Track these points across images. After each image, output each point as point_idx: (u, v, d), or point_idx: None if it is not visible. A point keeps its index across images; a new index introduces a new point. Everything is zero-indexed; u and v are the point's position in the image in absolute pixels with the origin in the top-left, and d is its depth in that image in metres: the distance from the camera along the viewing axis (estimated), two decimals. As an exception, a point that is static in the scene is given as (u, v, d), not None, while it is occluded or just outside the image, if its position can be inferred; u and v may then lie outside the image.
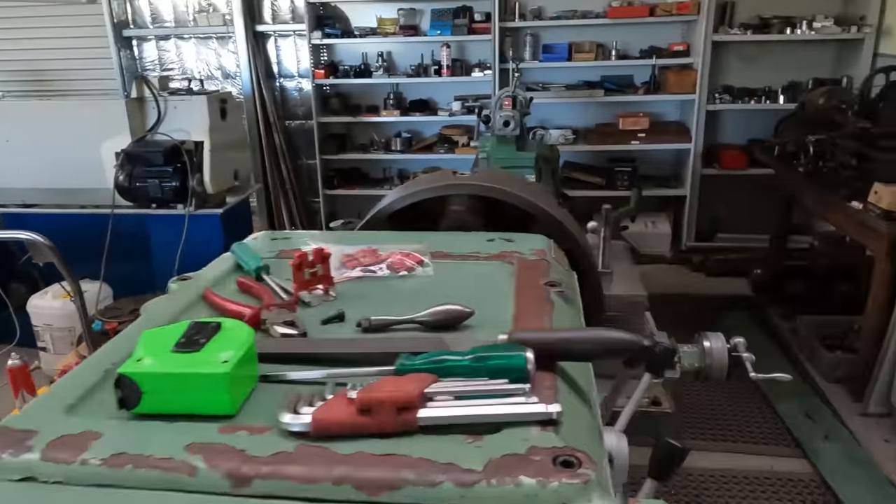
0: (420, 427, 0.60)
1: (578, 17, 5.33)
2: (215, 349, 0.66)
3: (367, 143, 5.86)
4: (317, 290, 0.92)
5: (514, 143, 3.78)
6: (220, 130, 3.88)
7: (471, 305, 0.86)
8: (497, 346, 0.69)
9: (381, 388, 0.60)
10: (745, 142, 5.43)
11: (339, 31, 5.48)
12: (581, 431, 0.62)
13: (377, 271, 0.98)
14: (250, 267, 1.00)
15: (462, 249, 1.07)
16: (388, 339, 0.78)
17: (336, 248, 1.05)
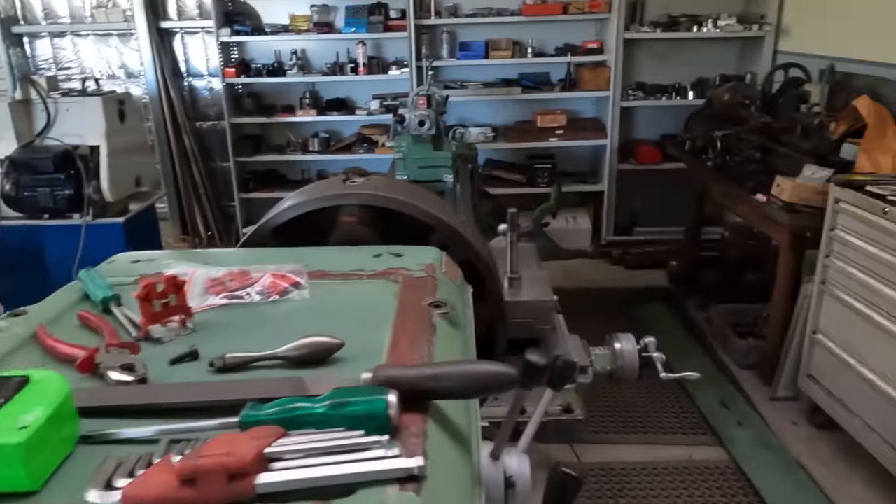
0: (259, 496, 0.51)
1: (494, 15, 5.33)
2: (15, 411, 0.55)
3: (283, 143, 5.67)
4: (171, 322, 0.82)
5: (431, 143, 3.72)
6: (118, 134, 3.64)
7: (346, 333, 0.78)
8: (358, 388, 0.61)
9: (211, 451, 0.52)
10: (659, 137, 5.57)
11: (249, 28, 5.27)
12: (448, 485, 0.55)
13: (244, 297, 0.89)
14: (97, 297, 0.88)
15: (346, 267, 0.98)
16: (238, 382, 0.69)
17: (201, 271, 0.94)
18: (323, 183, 1.31)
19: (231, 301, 0.89)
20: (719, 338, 4.12)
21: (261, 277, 0.92)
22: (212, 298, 0.89)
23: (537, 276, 1.69)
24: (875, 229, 2.78)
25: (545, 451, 3.11)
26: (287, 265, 0.95)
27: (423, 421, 0.61)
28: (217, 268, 0.96)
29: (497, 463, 1.01)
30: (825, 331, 3.17)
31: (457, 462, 0.61)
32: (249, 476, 0.50)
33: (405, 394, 0.61)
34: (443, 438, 0.61)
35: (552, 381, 1.12)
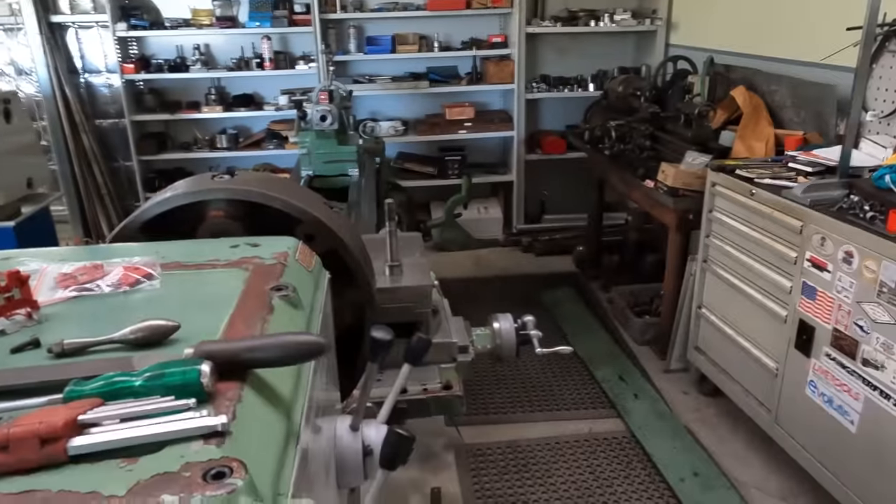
0: (71, 458, 0.57)
1: (400, 10, 5.39)
2: None
3: (189, 141, 5.56)
4: (17, 315, 0.85)
5: (335, 138, 3.76)
6: (4, 135, 3.50)
7: (188, 317, 0.84)
8: (177, 362, 0.67)
9: (25, 421, 0.57)
10: (563, 128, 5.79)
11: (147, 23, 5.13)
12: (255, 440, 0.63)
13: (94, 289, 0.93)
14: (-55, 296, 0.90)
15: (202, 258, 1.04)
16: (68, 364, 0.74)
17: (53, 266, 0.98)
18: (191, 179, 1.35)
19: (80, 293, 0.92)
20: (619, 317, 4.36)
21: (112, 270, 0.96)
22: (60, 292, 0.92)
23: (419, 263, 1.78)
24: (745, 209, 3.03)
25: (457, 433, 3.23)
26: (140, 258, 1.00)
27: (240, 388, 0.68)
28: (70, 263, 0.99)
29: (356, 434, 1.09)
30: (709, 305, 3.43)
31: (269, 422, 0.68)
32: (61, 440, 0.56)
33: (225, 365, 0.68)
34: (257, 402, 0.68)
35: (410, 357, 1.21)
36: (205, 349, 0.69)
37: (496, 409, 3.56)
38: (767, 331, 2.91)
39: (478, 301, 4.45)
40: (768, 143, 3.63)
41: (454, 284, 4.28)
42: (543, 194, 5.90)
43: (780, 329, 2.80)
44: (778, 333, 2.82)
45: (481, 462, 3.13)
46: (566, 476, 3.03)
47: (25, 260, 1.01)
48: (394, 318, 1.63)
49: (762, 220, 2.89)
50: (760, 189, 2.90)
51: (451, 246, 5.48)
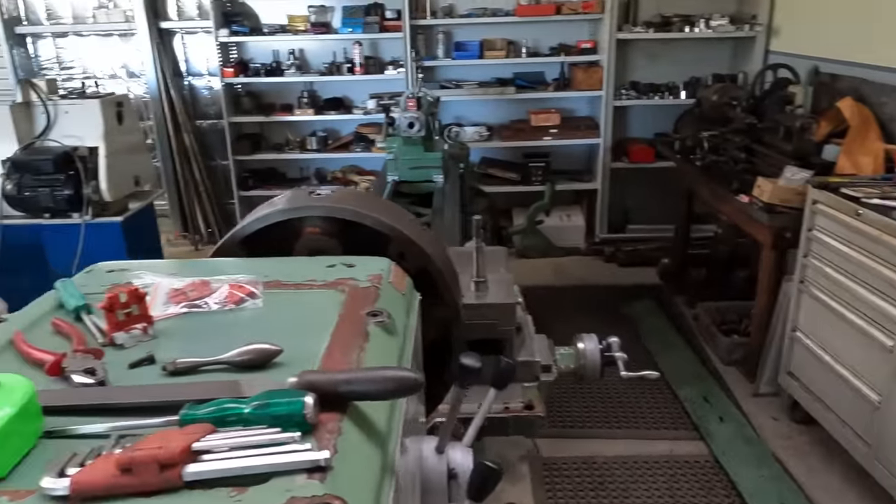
0: (186, 483, 0.60)
1: (489, 15, 5.40)
2: (-16, 412, 0.65)
3: (281, 142, 5.78)
4: (134, 329, 0.91)
5: (421, 144, 3.80)
6: (116, 135, 3.74)
7: (289, 340, 0.87)
8: (283, 391, 0.70)
9: (146, 445, 0.61)
10: (652, 136, 5.63)
11: (247, 29, 5.37)
12: (354, 475, 0.65)
13: (202, 306, 0.98)
14: (70, 306, 0.97)
15: (301, 277, 1.07)
16: (182, 385, 0.78)
17: (165, 281, 1.04)
18: (289, 194, 1.40)
19: (190, 310, 0.98)
20: (705, 334, 4.20)
21: (219, 287, 1.01)
22: (172, 307, 0.98)
23: (504, 279, 1.78)
24: (849, 230, 2.85)
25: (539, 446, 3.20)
26: (245, 276, 1.04)
27: (339, 419, 0.70)
28: (180, 278, 1.05)
29: (441, 456, 1.10)
30: (804, 328, 3.25)
31: (367, 455, 0.70)
32: (178, 466, 0.60)
33: (325, 396, 0.70)
34: (356, 434, 0.70)
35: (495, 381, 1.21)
36: (307, 379, 0.72)
37: (573, 422, 3.50)
38: (870, 360, 2.73)
39: (557, 310, 4.40)
40: (877, 159, 3.40)
41: (533, 292, 4.23)
42: (628, 203, 5.76)
43: (884, 359, 2.62)
44: (882, 364, 2.64)
45: (556, 477, 3.09)
46: (644, 498, 2.95)
47: (140, 273, 1.08)
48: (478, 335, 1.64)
49: (869, 242, 2.71)
50: (868, 209, 2.72)
51: (531, 253, 5.43)
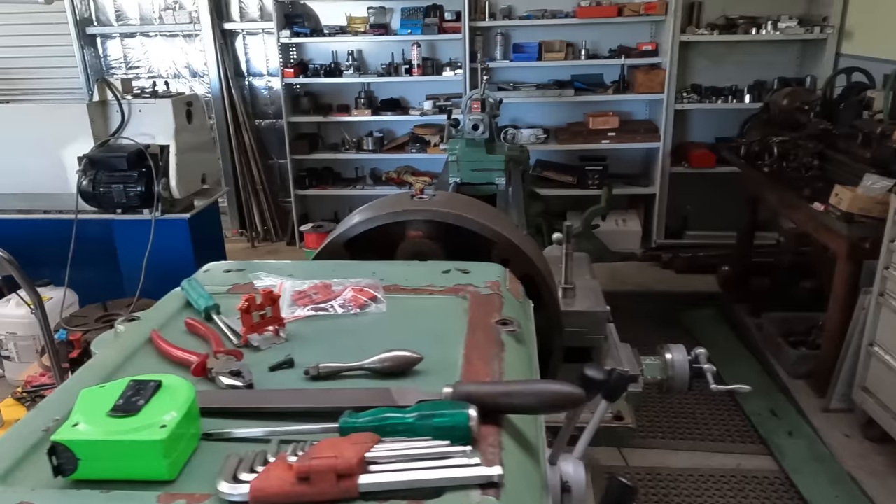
0: (361, 494, 0.60)
1: (548, 17, 5.35)
2: (154, 411, 0.65)
3: (338, 142, 5.83)
4: (267, 331, 0.91)
5: (484, 146, 3.78)
6: (186, 133, 3.82)
7: (422, 347, 0.86)
8: (441, 402, 0.69)
9: (321, 453, 0.60)
10: (713, 140, 5.50)
11: (308, 30, 5.43)
12: (522, 491, 0.63)
13: (329, 309, 0.98)
14: (200, 306, 0.98)
15: (417, 282, 1.07)
16: (334, 390, 0.78)
17: (288, 283, 1.04)
18: (392, 198, 1.40)
19: (317, 313, 0.98)
20: (771, 346, 4.07)
21: (342, 291, 1.01)
22: (299, 310, 0.98)
23: (591, 285, 1.75)
24: (937, 243, 2.73)
25: (594, 454, 3.15)
26: (364, 279, 1.04)
27: (498, 433, 0.69)
28: (302, 280, 1.05)
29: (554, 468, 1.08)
30: (882, 343, 3.13)
31: (528, 471, 0.68)
32: (354, 476, 0.59)
33: (482, 408, 0.68)
34: (515, 449, 0.69)
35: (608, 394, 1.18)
36: (463, 390, 0.71)
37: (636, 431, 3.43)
38: (959, 380, 2.60)
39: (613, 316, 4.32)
40: (965, 167, 3.25)
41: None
42: (687, 209, 5.64)
43: (976, 380, 2.49)
44: (973, 385, 2.51)
45: (620, 487, 3.03)
46: (713, 513, 2.88)
47: (259, 274, 1.08)
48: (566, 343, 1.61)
49: (961, 256, 2.59)
50: (960, 221, 2.60)
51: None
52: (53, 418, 0.73)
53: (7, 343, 3.75)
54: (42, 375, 3.32)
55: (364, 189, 5.76)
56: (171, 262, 3.84)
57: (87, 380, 0.80)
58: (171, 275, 3.61)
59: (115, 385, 0.70)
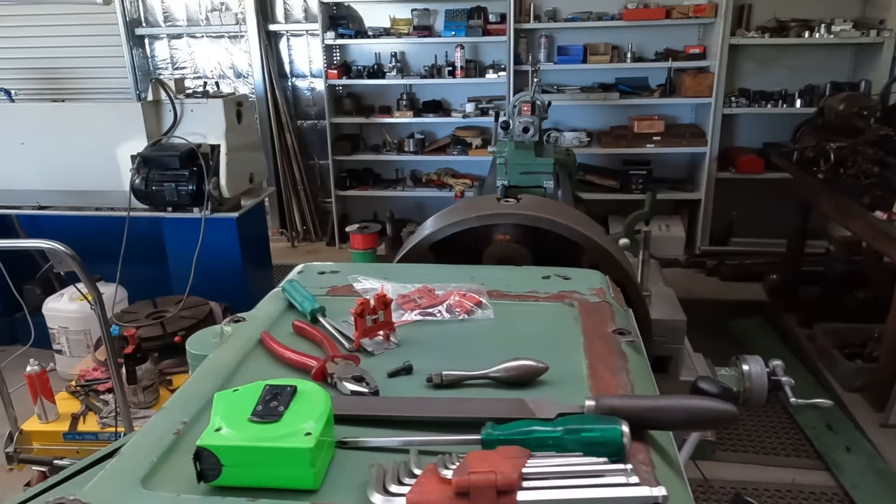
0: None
1: (594, 19, 5.30)
2: (295, 418, 0.64)
3: (379, 143, 5.84)
4: (377, 336, 0.90)
5: (533, 149, 3.75)
6: (235, 133, 3.85)
7: (538, 355, 0.83)
8: (586, 416, 0.66)
9: (477, 467, 0.58)
10: (761, 145, 5.39)
11: (352, 32, 5.45)
12: (681, 512, 0.60)
13: (436, 314, 0.96)
14: (305, 309, 0.97)
15: (518, 287, 1.04)
16: (466, 400, 0.75)
17: (389, 286, 1.02)
18: (478, 201, 1.37)
19: (424, 317, 0.96)
20: (824, 358, 3.96)
21: (447, 296, 0.99)
22: (406, 314, 0.96)
23: (665, 293, 1.71)
24: None
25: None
26: (467, 284, 1.02)
27: (647, 450, 0.66)
28: (403, 284, 1.03)
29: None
30: (947, 358, 3.02)
31: (679, 490, 0.65)
32: (513, 493, 0.56)
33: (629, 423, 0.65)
34: (663, 467, 0.66)
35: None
36: (607, 404, 0.68)
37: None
38: None
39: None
40: None
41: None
42: (732, 215, 5.53)
43: None
44: None
45: (672, 498, 2.97)
46: (770, 529, 2.80)
47: (357, 276, 1.07)
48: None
49: None
50: None
51: (629, 263, 5.29)
52: (181, 421, 0.72)
53: (59, 337, 3.81)
54: (95, 370, 3.37)
55: (404, 190, 5.76)
56: (219, 260, 3.87)
57: (206, 382, 0.79)
58: (219, 273, 3.65)
59: (249, 389, 0.68)
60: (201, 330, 1.16)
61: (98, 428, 2.97)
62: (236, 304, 3.91)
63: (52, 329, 3.81)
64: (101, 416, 3.05)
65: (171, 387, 3.28)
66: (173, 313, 3.63)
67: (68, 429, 2.97)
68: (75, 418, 3.02)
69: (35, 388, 2.96)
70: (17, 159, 3.83)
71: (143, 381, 3.12)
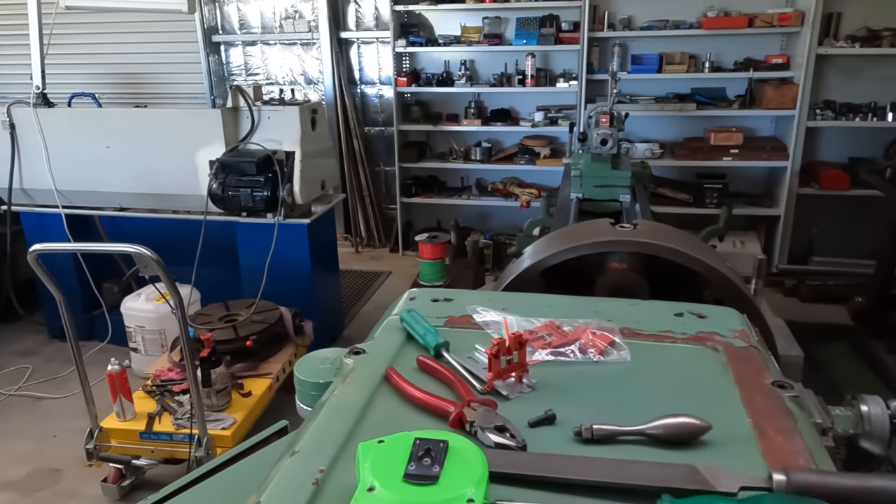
0: None
1: (670, 28, 5.14)
2: (454, 481, 0.58)
3: (445, 151, 5.81)
4: (510, 377, 0.84)
5: (610, 161, 3.64)
6: (310, 140, 3.87)
7: (689, 407, 0.76)
8: (779, 496, 0.58)
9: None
10: (847, 160, 5.13)
11: (423, 40, 5.44)
12: None
13: (569, 355, 0.89)
14: (429, 343, 0.92)
15: (650, 325, 0.97)
16: (631, 463, 0.68)
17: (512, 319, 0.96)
18: (588, 226, 1.30)
19: (555, 357, 0.89)
20: (918, 389, 3.71)
21: (577, 333, 0.92)
22: (537, 353, 0.90)
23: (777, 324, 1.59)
24: None
25: None
26: (596, 320, 0.95)
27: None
28: (527, 318, 0.97)
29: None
30: None
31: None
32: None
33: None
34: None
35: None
36: (801, 481, 0.60)
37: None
38: None
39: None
40: None
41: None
42: (813, 233, 5.27)
43: None
44: None
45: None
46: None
47: (476, 307, 1.01)
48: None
49: None
50: None
51: (701, 280, 5.10)
52: (318, 468, 0.67)
53: (135, 335, 3.90)
54: (170, 370, 3.43)
55: (469, 199, 5.72)
56: (289, 265, 3.90)
57: (336, 423, 0.75)
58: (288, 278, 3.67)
59: (396, 441, 0.63)
60: (309, 354, 1.13)
61: (173, 429, 3.02)
62: (304, 309, 3.94)
63: (129, 327, 3.91)
64: (175, 417, 3.10)
65: (242, 391, 3.32)
66: (245, 317, 3.68)
67: (144, 428, 3.03)
68: (151, 418, 3.08)
69: (115, 386, 3.03)
70: (103, 162, 3.95)
71: (216, 384, 3.16)
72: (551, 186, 5.53)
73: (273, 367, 3.52)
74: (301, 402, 1.06)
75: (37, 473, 3.20)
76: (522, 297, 1.10)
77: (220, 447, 3.00)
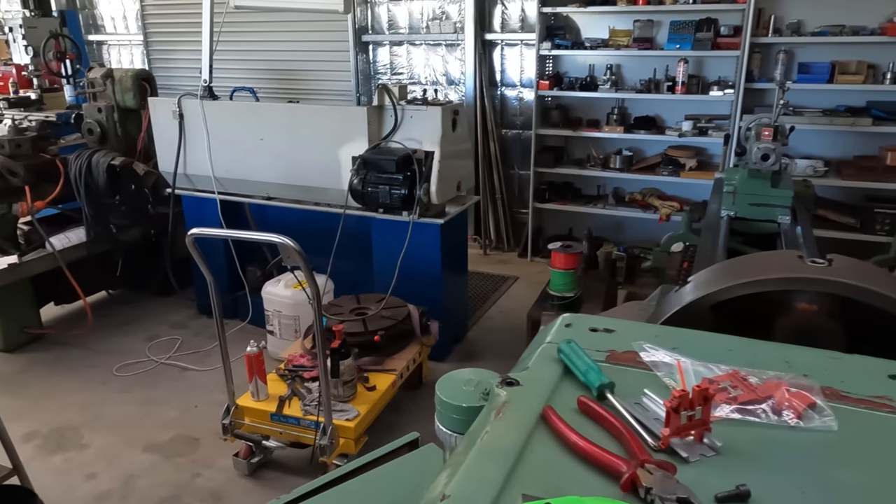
0: None
1: (847, 34, 4.65)
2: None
3: (583, 157, 5.64)
4: (688, 435, 0.73)
5: (769, 178, 3.33)
6: (449, 141, 3.87)
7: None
8: None
9: None
10: None
11: (569, 42, 5.30)
12: None
13: (760, 414, 0.77)
14: (591, 382, 0.83)
15: (857, 386, 0.81)
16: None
17: (688, 364, 0.85)
18: (767, 257, 1.15)
19: (743, 416, 0.77)
20: None
21: (767, 388, 0.80)
22: (720, 408, 0.78)
23: None
24: None
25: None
26: (788, 374, 0.81)
27: None
28: (707, 364, 0.85)
29: None
30: None
31: None
32: None
33: None
34: None
35: None
36: None
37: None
38: None
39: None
40: None
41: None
42: None
43: None
44: None
45: None
46: None
47: (645, 345, 0.91)
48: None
49: None
50: None
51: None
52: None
53: (272, 319, 4.10)
54: (301, 356, 3.56)
55: (605, 208, 5.50)
56: (420, 264, 3.93)
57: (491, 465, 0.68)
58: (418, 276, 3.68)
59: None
60: (450, 373, 1.07)
61: (301, 414, 3.13)
62: (431, 308, 3.95)
63: (268, 311, 4.11)
64: (304, 402, 3.20)
65: (367, 384, 3.38)
66: (375, 311, 3.74)
67: (275, 410, 3.16)
68: (282, 401, 3.20)
69: (252, 367, 3.18)
70: (255, 153, 4.18)
71: (344, 375, 3.23)
72: (694, 200, 5.19)
73: (398, 363, 3.55)
74: (441, 424, 1.01)
75: (179, 439, 3.43)
76: (696, 336, 0.97)
77: (344, 437, 3.06)
